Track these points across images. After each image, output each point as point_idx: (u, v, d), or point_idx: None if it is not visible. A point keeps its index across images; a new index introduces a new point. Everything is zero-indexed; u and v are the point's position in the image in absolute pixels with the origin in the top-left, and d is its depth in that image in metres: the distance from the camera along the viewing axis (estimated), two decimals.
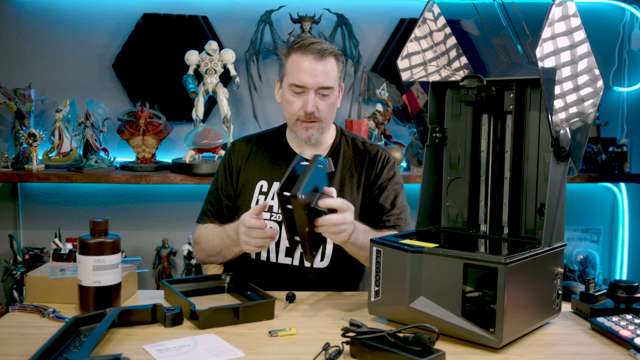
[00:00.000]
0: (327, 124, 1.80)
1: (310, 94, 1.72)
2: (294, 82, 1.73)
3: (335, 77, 1.76)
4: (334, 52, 1.76)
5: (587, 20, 2.31)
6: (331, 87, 1.74)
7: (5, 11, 3.08)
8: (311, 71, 1.71)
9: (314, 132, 1.77)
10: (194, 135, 2.83)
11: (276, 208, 1.78)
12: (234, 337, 1.31)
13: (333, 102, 1.78)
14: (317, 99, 1.73)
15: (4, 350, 1.23)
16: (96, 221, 1.41)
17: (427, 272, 1.31)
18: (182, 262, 3.12)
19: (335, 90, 1.77)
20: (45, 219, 3.18)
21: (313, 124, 1.76)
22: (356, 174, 1.83)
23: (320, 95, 1.74)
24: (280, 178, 1.72)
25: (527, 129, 1.46)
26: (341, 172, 1.83)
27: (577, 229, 3.41)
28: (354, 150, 1.87)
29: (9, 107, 2.93)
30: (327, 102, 1.75)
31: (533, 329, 1.37)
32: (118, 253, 1.43)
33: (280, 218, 1.77)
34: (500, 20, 1.53)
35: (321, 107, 1.74)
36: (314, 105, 1.73)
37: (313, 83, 1.72)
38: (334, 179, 1.81)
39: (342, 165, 1.84)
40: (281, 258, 1.77)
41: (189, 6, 3.14)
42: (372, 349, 1.17)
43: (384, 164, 1.84)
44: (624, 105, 3.39)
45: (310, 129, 1.76)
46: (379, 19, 3.23)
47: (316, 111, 1.74)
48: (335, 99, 1.79)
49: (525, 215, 1.47)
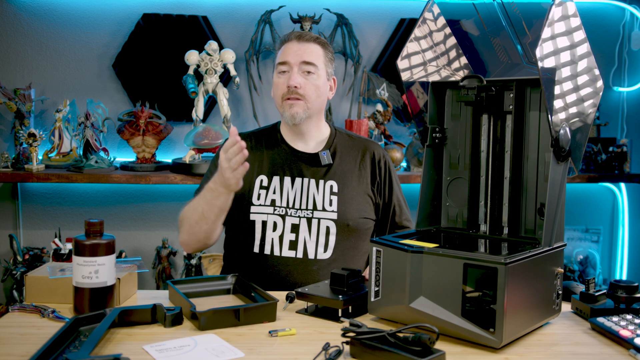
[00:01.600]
0: (313, 105, 1.83)
1: (294, 69, 1.80)
2: (279, 61, 1.82)
3: (321, 59, 1.83)
4: (319, 40, 1.85)
5: (587, 20, 2.32)
6: (313, 64, 1.81)
7: (5, 11, 3.08)
8: (294, 49, 1.81)
9: (298, 110, 1.80)
10: (194, 135, 2.83)
11: (279, 202, 1.80)
12: (234, 337, 1.31)
13: (319, 85, 1.83)
14: (300, 77, 1.80)
15: (4, 350, 1.23)
16: (91, 222, 1.41)
17: (427, 272, 1.31)
18: (182, 262, 3.12)
19: (320, 71, 1.82)
20: (45, 219, 3.18)
21: (297, 101, 1.80)
22: (360, 169, 1.88)
23: (305, 73, 1.80)
24: (279, 172, 1.75)
25: (527, 129, 1.46)
26: (342, 164, 1.87)
27: (577, 229, 3.41)
28: (350, 143, 1.92)
29: (9, 107, 2.93)
30: (311, 81, 1.81)
31: (533, 329, 1.37)
32: (113, 254, 1.43)
33: (283, 212, 1.79)
34: (500, 20, 1.53)
35: (304, 84, 1.80)
36: (296, 80, 1.78)
37: (295, 58, 1.80)
38: (335, 171, 1.85)
39: (341, 159, 1.88)
40: (285, 251, 1.78)
41: (189, 6, 3.14)
42: (372, 349, 1.17)
43: (385, 165, 1.92)
44: (624, 105, 3.39)
45: (294, 107, 1.80)
46: (379, 19, 3.24)
47: (299, 87, 1.79)
48: (323, 82, 1.84)
49: (525, 215, 1.47)
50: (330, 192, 1.82)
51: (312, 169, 1.84)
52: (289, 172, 1.83)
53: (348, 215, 1.81)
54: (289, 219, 1.79)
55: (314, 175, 1.83)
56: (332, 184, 1.82)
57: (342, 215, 1.80)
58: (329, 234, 1.79)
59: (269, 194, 1.81)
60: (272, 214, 1.79)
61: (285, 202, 1.80)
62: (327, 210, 1.80)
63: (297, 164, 1.85)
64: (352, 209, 1.82)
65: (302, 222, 1.79)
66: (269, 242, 1.79)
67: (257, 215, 1.79)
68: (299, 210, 1.79)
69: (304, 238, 1.78)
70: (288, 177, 1.82)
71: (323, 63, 1.83)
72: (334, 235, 1.79)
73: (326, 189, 1.82)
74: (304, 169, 1.84)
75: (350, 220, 1.81)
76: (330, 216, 1.79)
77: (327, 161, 1.84)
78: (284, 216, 1.79)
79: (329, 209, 1.80)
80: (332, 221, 1.79)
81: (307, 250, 1.78)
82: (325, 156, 1.84)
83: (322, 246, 1.79)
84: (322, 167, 1.84)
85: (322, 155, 1.84)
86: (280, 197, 1.80)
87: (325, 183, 1.82)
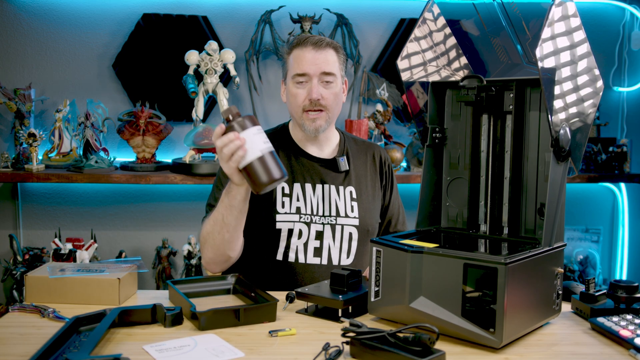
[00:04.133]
0: (333, 114, 1.81)
1: (314, 81, 1.76)
2: (297, 72, 1.77)
3: (337, 67, 1.80)
4: (333, 44, 1.81)
5: (587, 20, 2.31)
6: (333, 74, 1.78)
7: (5, 11, 3.08)
8: (312, 59, 1.76)
9: (321, 123, 1.78)
10: (194, 135, 2.83)
11: (304, 209, 1.79)
12: (234, 337, 1.31)
13: (337, 92, 1.81)
14: (321, 87, 1.77)
15: (4, 350, 1.23)
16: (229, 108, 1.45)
17: (427, 272, 1.31)
18: (182, 262, 3.12)
19: (338, 79, 1.80)
20: (45, 219, 3.18)
21: (319, 113, 1.78)
22: (370, 173, 1.90)
23: (324, 83, 1.77)
24: (299, 179, 1.78)
25: (527, 129, 1.46)
26: (356, 169, 1.88)
27: (577, 229, 3.41)
28: (356, 147, 1.93)
29: (9, 107, 2.93)
30: (331, 90, 1.78)
31: (533, 329, 1.37)
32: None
33: (308, 219, 1.78)
34: (500, 20, 1.53)
35: (326, 94, 1.77)
36: (319, 92, 1.75)
37: (315, 69, 1.76)
38: (352, 177, 1.86)
39: (354, 164, 1.89)
40: (310, 258, 1.78)
41: (189, 6, 3.14)
42: (372, 349, 1.17)
43: (389, 169, 1.95)
44: (624, 105, 3.39)
45: (318, 120, 1.78)
46: (379, 19, 3.24)
47: (321, 98, 1.76)
48: (340, 89, 1.82)
49: (525, 215, 1.47)
50: (351, 198, 1.83)
51: (331, 175, 1.84)
52: (310, 179, 1.82)
53: (368, 221, 1.83)
54: (314, 225, 1.79)
55: (334, 182, 1.83)
56: (351, 190, 1.83)
57: (363, 220, 1.82)
58: (352, 239, 1.81)
59: (293, 201, 1.79)
60: (298, 222, 1.78)
61: (309, 209, 1.79)
62: (349, 216, 1.81)
63: (316, 171, 1.83)
64: (370, 214, 1.85)
65: (327, 229, 1.79)
66: (293, 250, 1.78)
67: (284, 224, 1.77)
68: (323, 217, 1.79)
69: (328, 244, 1.79)
70: (309, 184, 1.81)
71: (339, 69, 1.81)
72: (355, 241, 1.81)
73: (347, 195, 1.82)
74: (324, 176, 1.83)
75: (370, 225, 1.84)
76: (352, 222, 1.81)
77: (345, 167, 1.84)
78: (309, 223, 1.78)
79: (351, 215, 1.81)
80: (355, 227, 1.81)
81: (332, 257, 1.79)
82: (343, 162, 1.85)
83: (345, 252, 1.80)
84: (340, 173, 1.84)
85: (340, 161, 1.84)
86: (304, 205, 1.79)
87: (345, 189, 1.83)
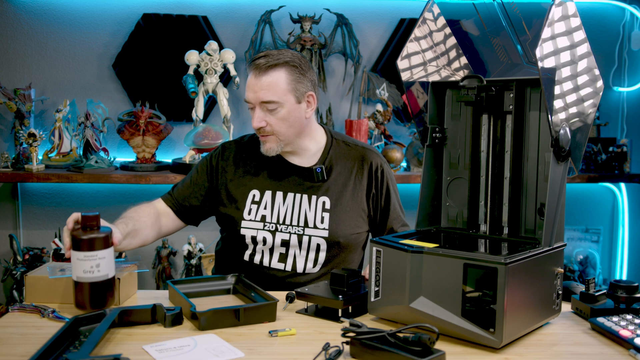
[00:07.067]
0: (285, 136, 1.76)
1: (256, 109, 1.73)
2: (244, 98, 1.76)
3: (281, 89, 1.71)
4: (281, 62, 1.71)
5: (587, 20, 2.31)
6: (274, 101, 1.71)
7: (5, 11, 3.08)
8: (252, 87, 1.73)
9: (271, 146, 1.77)
10: (194, 135, 2.83)
11: (269, 217, 1.78)
12: (234, 337, 1.31)
13: (285, 116, 1.73)
14: (265, 114, 1.73)
15: (4, 350, 1.23)
16: (87, 216, 1.41)
17: (427, 272, 1.31)
18: (182, 262, 3.12)
19: (285, 103, 1.72)
20: (45, 219, 3.18)
21: (267, 137, 1.76)
22: (355, 181, 1.84)
23: (267, 110, 1.73)
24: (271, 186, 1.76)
25: (527, 129, 1.46)
26: (336, 179, 1.83)
27: (577, 229, 3.41)
28: (346, 152, 1.87)
29: (9, 107, 2.93)
30: (276, 116, 1.73)
31: (533, 329, 1.37)
32: (112, 247, 1.43)
33: (273, 228, 1.77)
34: (500, 20, 1.53)
35: (271, 121, 1.73)
36: (260, 121, 1.73)
37: (254, 98, 1.73)
38: (329, 187, 1.81)
39: (335, 172, 1.83)
40: (274, 263, 1.78)
41: (189, 6, 3.14)
42: (372, 349, 1.17)
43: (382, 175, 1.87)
44: (624, 105, 3.39)
45: (267, 143, 1.77)
46: (379, 19, 3.24)
47: (266, 125, 1.74)
48: (290, 110, 1.73)
49: (525, 215, 1.47)
50: (323, 208, 1.79)
51: (305, 184, 1.81)
52: (282, 186, 1.81)
53: (339, 233, 1.79)
54: (279, 234, 1.78)
55: (307, 191, 1.80)
56: (324, 200, 1.79)
57: (333, 232, 1.78)
58: (319, 250, 1.78)
59: (260, 209, 1.79)
60: (261, 230, 1.78)
61: (275, 218, 1.78)
62: (318, 227, 1.78)
63: (292, 179, 1.82)
64: (343, 225, 1.80)
65: (293, 238, 1.77)
66: (259, 253, 1.79)
67: (247, 230, 1.78)
68: (290, 227, 1.78)
69: (294, 252, 1.78)
70: (280, 192, 1.80)
71: (287, 90, 1.71)
72: (324, 252, 1.78)
73: (318, 205, 1.79)
74: (297, 184, 1.81)
75: (341, 237, 1.79)
76: (321, 234, 1.77)
77: (321, 177, 1.80)
78: (274, 232, 1.77)
79: (320, 227, 1.78)
80: (323, 238, 1.77)
81: (297, 265, 1.78)
82: (319, 172, 1.80)
83: (311, 261, 1.79)
84: (316, 183, 1.81)
85: (316, 171, 1.80)
86: (270, 213, 1.78)
87: (318, 199, 1.79)
